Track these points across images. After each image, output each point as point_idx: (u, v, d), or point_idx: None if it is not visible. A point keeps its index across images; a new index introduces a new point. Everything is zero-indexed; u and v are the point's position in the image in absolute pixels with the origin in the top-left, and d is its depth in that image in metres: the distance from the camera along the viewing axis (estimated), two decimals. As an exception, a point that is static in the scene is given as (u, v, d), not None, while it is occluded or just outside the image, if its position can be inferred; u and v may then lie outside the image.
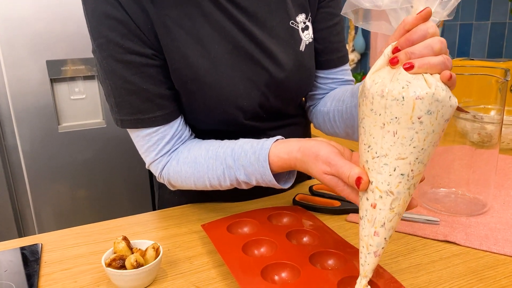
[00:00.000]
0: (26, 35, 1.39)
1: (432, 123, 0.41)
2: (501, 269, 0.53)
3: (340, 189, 0.48)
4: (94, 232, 0.67)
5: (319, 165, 0.50)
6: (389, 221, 0.44)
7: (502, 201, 0.71)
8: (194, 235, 0.65)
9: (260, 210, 0.66)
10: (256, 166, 0.57)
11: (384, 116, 0.42)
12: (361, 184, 0.44)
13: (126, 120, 0.63)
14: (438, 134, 0.42)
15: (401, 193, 0.43)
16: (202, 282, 0.53)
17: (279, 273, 0.51)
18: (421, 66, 0.41)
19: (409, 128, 0.41)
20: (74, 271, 0.56)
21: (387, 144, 0.42)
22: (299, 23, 0.67)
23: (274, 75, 0.66)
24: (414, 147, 0.42)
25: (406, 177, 0.42)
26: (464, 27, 1.56)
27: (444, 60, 0.41)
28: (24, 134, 1.46)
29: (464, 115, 0.72)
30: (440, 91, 0.40)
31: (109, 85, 0.61)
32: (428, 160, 0.43)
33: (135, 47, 0.59)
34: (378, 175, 0.43)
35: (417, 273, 0.52)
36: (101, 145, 1.56)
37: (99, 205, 1.61)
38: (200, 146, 0.64)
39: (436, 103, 0.40)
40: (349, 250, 0.54)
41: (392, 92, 0.41)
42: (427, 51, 0.41)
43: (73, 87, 1.51)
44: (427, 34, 0.42)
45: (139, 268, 0.50)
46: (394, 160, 0.42)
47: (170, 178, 0.66)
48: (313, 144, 0.52)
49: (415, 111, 0.40)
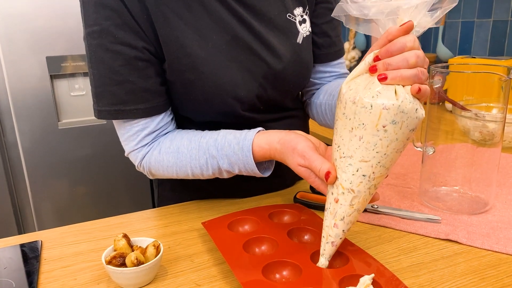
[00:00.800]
0: (26, 31, 1.38)
1: (396, 132, 0.45)
2: (503, 268, 0.53)
3: (312, 180, 0.52)
4: (94, 229, 0.67)
5: (295, 157, 0.54)
6: (348, 216, 0.49)
7: (504, 199, 0.71)
8: (194, 232, 0.64)
9: (261, 208, 0.66)
10: (239, 156, 0.60)
11: (353, 121, 0.46)
12: (329, 178, 0.49)
13: (104, 110, 0.62)
14: (402, 142, 0.46)
15: (361, 192, 0.47)
16: (202, 280, 0.52)
17: (280, 271, 0.51)
18: (393, 78, 0.44)
19: (374, 135, 0.45)
20: (74, 268, 0.56)
21: (353, 147, 0.46)
22: (296, 16, 0.68)
23: (272, 66, 0.66)
24: (377, 152, 0.46)
25: (367, 178, 0.47)
26: (466, 25, 1.56)
27: (417, 73, 0.44)
28: (24, 130, 1.45)
29: (466, 113, 0.71)
30: (406, 104, 0.44)
31: (94, 73, 0.61)
32: (390, 164, 0.47)
33: (127, 38, 0.59)
34: (343, 173, 0.48)
35: (418, 271, 0.52)
36: (101, 141, 1.55)
37: (99, 201, 1.61)
38: (182, 136, 0.65)
39: (401, 114, 0.44)
40: (350, 248, 0.54)
41: (362, 100, 0.45)
42: (402, 63, 0.44)
43: (73, 84, 1.50)
44: (405, 47, 0.44)
45: (140, 266, 0.49)
46: (357, 162, 0.46)
47: (151, 167, 0.67)
48: (292, 138, 0.55)
49: (381, 120, 0.44)
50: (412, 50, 0.45)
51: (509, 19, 1.41)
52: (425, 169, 0.71)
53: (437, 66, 0.66)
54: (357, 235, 0.61)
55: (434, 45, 1.71)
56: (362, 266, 0.50)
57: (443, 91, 0.68)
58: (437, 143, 0.69)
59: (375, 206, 0.68)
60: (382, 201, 0.71)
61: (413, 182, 0.79)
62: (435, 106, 0.68)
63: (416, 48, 0.45)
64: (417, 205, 0.69)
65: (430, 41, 1.73)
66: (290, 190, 0.79)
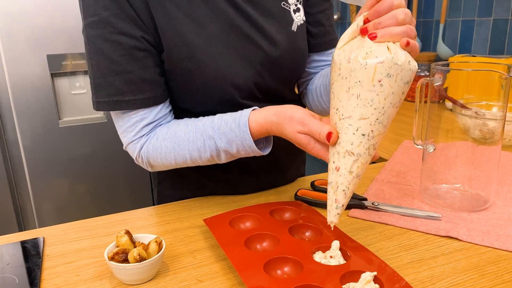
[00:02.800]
0: (27, 29, 1.38)
1: (391, 85, 0.46)
2: (503, 265, 0.53)
3: (311, 147, 0.53)
4: (97, 226, 0.67)
5: (293, 125, 0.54)
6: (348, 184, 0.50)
7: (504, 197, 0.71)
8: (196, 229, 0.65)
9: (262, 205, 0.66)
10: (237, 132, 0.59)
11: (349, 79, 0.47)
12: (331, 138, 0.49)
13: (103, 102, 0.62)
14: (397, 96, 0.47)
15: (361, 154, 0.48)
16: (204, 276, 0.53)
17: (281, 268, 0.51)
18: (383, 36, 0.46)
19: (370, 91, 0.46)
20: (77, 264, 0.56)
21: (351, 106, 0.47)
22: (290, 5, 0.69)
23: (269, 53, 0.67)
24: (374, 108, 0.47)
25: (367, 137, 0.48)
26: (466, 24, 1.56)
27: (405, 29, 0.46)
28: (25, 128, 1.45)
29: (466, 112, 0.72)
30: (399, 56, 0.45)
31: (92, 65, 0.61)
32: (387, 122, 0.48)
33: (126, 28, 0.59)
34: (344, 135, 0.49)
35: (419, 268, 0.53)
36: (101, 139, 1.56)
37: (99, 199, 1.61)
38: (179, 122, 0.66)
39: (396, 67, 0.45)
40: (351, 245, 0.54)
41: (357, 58, 0.46)
42: (391, 21, 0.46)
43: (73, 82, 1.50)
44: (393, 5, 0.47)
45: (142, 262, 0.50)
46: (357, 121, 0.48)
47: (149, 157, 0.66)
48: (288, 108, 0.56)
49: (376, 74, 0.45)
50: (399, 8, 0.47)
51: (509, 18, 1.41)
52: (426, 167, 0.71)
53: (438, 64, 0.67)
54: (358, 232, 0.61)
55: (434, 44, 1.71)
56: (363, 263, 0.50)
57: (444, 89, 0.68)
58: (438, 141, 0.69)
59: (376, 203, 0.68)
60: (383, 199, 0.71)
61: (413, 180, 0.79)
62: (436, 104, 0.68)
63: (403, 6, 0.47)
64: (417, 203, 0.70)
65: (430, 39, 1.73)
66: (291, 187, 0.79)
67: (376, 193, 0.74)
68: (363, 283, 0.46)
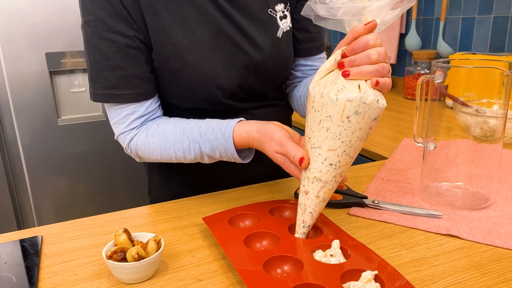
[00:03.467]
0: (25, 27, 1.38)
1: (359, 122, 0.49)
2: (505, 263, 0.52)
3: (287, 166, 0.57)
4: (95, 224, 0.67)
5: (272, 145, 0.58)
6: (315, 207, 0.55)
7: (505, 195, 0.71)
8: (195, 228, 0.64)
9: (261, 204, 0.66)
10: (221, 141, 0.64)
11: (321, 113, 0.51)
12: (303, 163, 0.54)
13: (99, 94, 0.67)
14: (365, 131, 0.51)
15: (328, 182, 0.53)
16: (203, 275, 0.52)
17: (281, 267, 0.51)
18: (355, 74, 0.50)
19: (339, 125, 0.50)
20: (75, 263, 0.56)
21: (321, 138, 0.51)
22: (277, 12, 0.72)
23: (253, 58, 0.70)
24: (342, 141, 0.51)
25: (334, 167, 0.52)
26: (467, 21, 1.55)
27: (377, 68, 0.49)
28: (24, 127, 1.45)
29: (467, 110, 0.71)
30: (368, 96, 0.49)
31: (90, 59, 0.66)
32: (355, 153, 0.52)
33: (119, 27, 0.64)
34: (313, 163, 0.53)
35: (420, 266, 0.52)
36: (100, 138, 1.55)
37: (98, 198, 1.61)
38: (168, 122, 0.70)
39: (364, 105, 0.49)
40: (351, 243, 0.54)
41: (329, 94, 0.50)
42: (365, 60, 0.49)
43: (72, 80, 1.50)
44: (368, 45, 0.49)
45: (141, 260, 0.49)
46: (325, 151, 0.52)
47: (137, 149, 0.70)
48: (270, 127, 0.60)
49: (345, 111, 0.49)
50: (374, 48, 0.49)
51: (509, 15, 1.40)
52: (426, 165, 0.71)
53: (439, 61, 0.66)
54: (359, 230, 0.61)
55: (434, 41, 1.70)
56: (364, 261, 0.50)
57: (444, 87, 0.67)
58: (438, 139, 0.69)
59: (376, 201, 0.68)
60: (383, 197, 0.71)
61: (413, 178, 0.79)
62: (436, 102, 0.68)
63: (378, 45, 0.50)
64: (418, 201, 0.69)
65: (430, 37, 1.73)
66: (291, 185, 0.79)
67: (377, 191, 0.73)
68: (364, 282, 0.46)
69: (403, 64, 1.87)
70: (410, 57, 1.83)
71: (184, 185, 0.82)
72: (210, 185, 0.80)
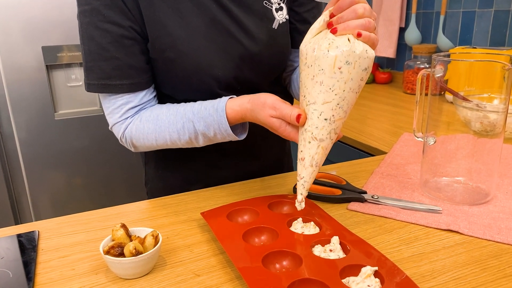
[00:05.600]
0: (21, 20, 1.36)
1: (350, 72, 0.52)
2: (505, 258, 0.52)
3: (283, 129, 0.58)
4: (92, 219, 0.66)
5: (266, 110, 0.59)
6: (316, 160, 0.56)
7: (505, 190, 0.70)
8: (193, 223, 0.64)
9: (260, 198, 0.65)
10: (214, 117, 0.64)
11: (314, 67, 0.53)
12: (300, 119, 0.55)
13: (93, 84, 0.67)
14: (356, 82, 0.53)
15: (324, 140, 0.55)
16: (201, 270, 0.52)
17: (280, 262, 0.51)
18: (343, 29, 0.52)
19: (332, 77, 0.52)
20: (72, 258, 0.55)
21: (315, 93, 0.53)
22: (273, 4, 0.72)
23: (248, 49, 0.70)
24: (335, 94, 0.53)
25: (328, 121, 0.54)
26: (467, 15, 1.54)
27: (363, 22, 0.52)
28: (20, 121, 1.44)
29: (467, 104, 0.71)
30: (356, 46, 0.51)
31: (85, 49, 0.66)
32: (347, 107, 0.54)
33: (115, 17, 0.64)
34: (309, 120, 0.54)
35: (420, 262, 0.52)
36: (98, 132, 1.54)
37: (96, 192, 1.61)
38: (161, 106, 0.70)
39: (354, 55, 0.51)
40: (350, 239, 0.53)
41: (320, 47, 0.52)
42: (352, 15, 0.52)
43: (69, 74, 1.48)
44: (354, 1, 0.52)
45: (138, 255, 0.49)
46: (320, 105, 0.53)
47: (132, 137, 0.70)
48: (261, 95, 0.61)
49: (336, 62, 0.51)
50: (359, 3, 0.52)
51: (510, 9, 1.39)
52: (426, 160, 0.70)
53: (439, 54, 0.65)
54: (358, 226, 0.61)
55: (434, 36, 1.69)
56: (363, 256, 0.50)
57: (444, 82, 0.67)
58: (438, 133, 0.68)
59: (376, 196, 0.67)
60: (383, 192, 0.71)
61: (413, 172, 0.78)
62: (436, 97, 0.67)
63: (363, 1, 0.53)
64: (417, 196, 0.69)
65: (430, 31, 1.72)
66: (290, 180, 0.78)
67: (376, 186, 0.73)
68: (363, 277, 0.46)
69: (403, 58, 1.87)
70: (409, 51, 1.82)
71: (179, 177, 0.82)
72: (205, 177, 0.81)
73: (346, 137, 1.18)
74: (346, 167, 0.83)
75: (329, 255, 0.51)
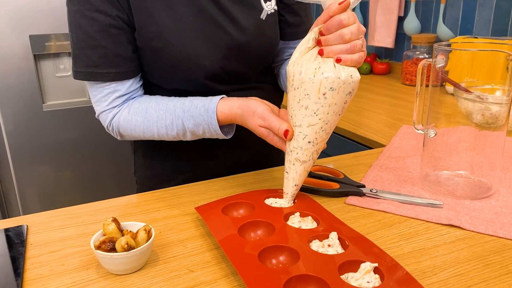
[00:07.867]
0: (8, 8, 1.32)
1: (333, 97, 0.53)
2: (508, 254, 0.51)
3: (271, 139, 0.60)
4: (82, 213, 0.64)
5: (255, 119, 0.61)
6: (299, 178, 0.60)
7: (508, 184, 0.69)
8: (187, 217, 0.62)
9: (256, 192, 0.64)
10: (205, 117, 0.66)
11: (300, 91, 0.54)
12: (288, 136, 0.57)
13: (80, 72, 0.68)
14: (340, 106, 0.55)
15: (307, 161, 0.58)
16: (195, 265, 0.51)
17: (277, 257, 0.49)
18: (328, 53, 0.53)
19: (316, 103, 0.54)
20: (62, 253, 0.54)
21: (301, 116, 0.56)
22: None
23: (236, 39, 0.71)
24: (319, 118, 0.55)
25: (312, 144, 0.56)
26: (468, 4, 1.52)
27: (347, 47, 0.53)
28: (7, 113, 1.41)
29: (468, 96, 0.69)
30: (341, 72, 0.53)
31: (72, 37, 0.67)
32: (330, 129, 0.57)
33: (103, 6, 0.64)
34: (294, 142, 0.57)
35: (420, 257, 0.51)
36: (87, 124, 1.51)
37: (85, 185, 1.58)
38: (150, 99, 0.71)
39: (338, 81, 0.52)
40: (349, 234, 0.52)
41: (307, 72, 0.53)
42: (338, 40, 0.53)
43: (58, 64, 1.45)
44: (342, 24, 0.53)
45: (130, 251, 0.48)
46: (305, 128, 0.56)
47: (119, 127, 0.71)
48: (252, 103, 0.62)
49: (321, 88, 0.53)
50: (347, 27, 0.53)
51: (512, -1, 1.37)
52: (426, 153, 0.69)
53: (441, 44, 0.63)
54: (356, 220, 0.59)
55: (434, 25, 1.67)
56: (362, 252, 0.48)
57: (445, 72, 0.65)
58: (439, 126, 0.67)
59: (374, 190, 0.66)
60: (382, 186, 0.69)
61: (413, 166, 0.77)
62: (437, 88, 0.66)
63: (351, 23, 0.53)
64: (417, 190, 0.68)
65: (430, 20, 1.69)
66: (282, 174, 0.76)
67: (375, 180, 0.71)
68: (363, 273, 0.44)
69: (402, 48, 1.84)
70: (408, 41, 1.79)
71: (168, 166, 0.82)
72: (193, 167, 0.81)
73: (343, 129, 1.16)
74: (343, 160, 0.82)
75: (327, 250, 0.49)
